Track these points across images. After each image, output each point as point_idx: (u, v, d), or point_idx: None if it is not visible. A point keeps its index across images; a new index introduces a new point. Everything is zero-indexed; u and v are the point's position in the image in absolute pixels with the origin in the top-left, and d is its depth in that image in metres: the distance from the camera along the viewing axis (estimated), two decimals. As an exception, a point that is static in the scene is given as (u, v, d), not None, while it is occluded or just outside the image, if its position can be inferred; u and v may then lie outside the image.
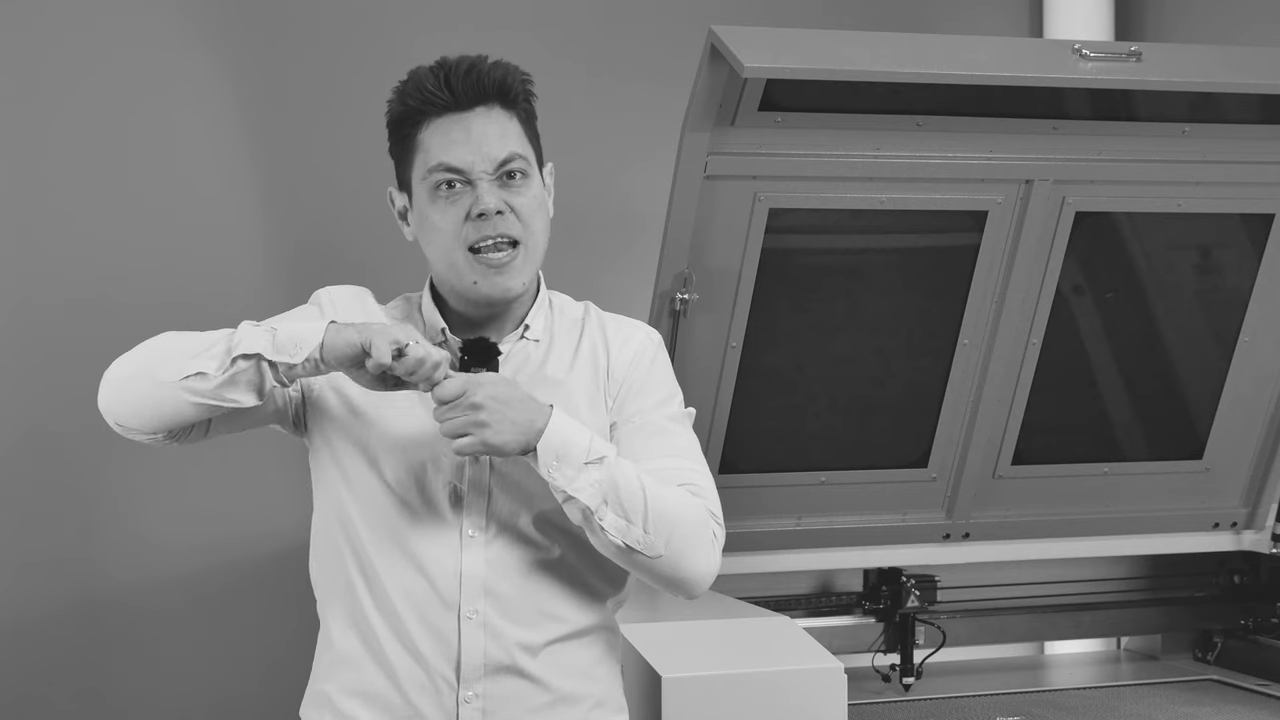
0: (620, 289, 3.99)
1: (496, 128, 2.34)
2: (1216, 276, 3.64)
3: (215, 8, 4.03)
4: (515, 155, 2.35)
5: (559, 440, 2.26)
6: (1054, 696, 3.55)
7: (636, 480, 2.28)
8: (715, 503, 2.39)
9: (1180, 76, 3.20)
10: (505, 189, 2.34)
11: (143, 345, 2.31)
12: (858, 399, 3.48)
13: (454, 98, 2.33)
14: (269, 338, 2.24)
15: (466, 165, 2.32)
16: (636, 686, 2.80)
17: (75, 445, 3.89)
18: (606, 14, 4.33)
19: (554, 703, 2.37)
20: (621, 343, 2.45)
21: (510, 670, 2.34)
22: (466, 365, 2.33)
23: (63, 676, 3.91)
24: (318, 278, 4.04)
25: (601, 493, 2.26)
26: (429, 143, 2.34)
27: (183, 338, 2.29)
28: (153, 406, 2.26)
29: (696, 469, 2.40)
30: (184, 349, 2.26)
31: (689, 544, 2.30)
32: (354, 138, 4.02)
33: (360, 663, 2.36)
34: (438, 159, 2.33)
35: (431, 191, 2.34)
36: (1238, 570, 3.86)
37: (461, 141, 2.33)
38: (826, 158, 3.19)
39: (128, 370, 2.29)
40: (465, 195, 2.33)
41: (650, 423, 2.40)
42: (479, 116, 2.34)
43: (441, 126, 2.34)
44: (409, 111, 2.35)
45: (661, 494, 2.30)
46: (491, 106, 2.35)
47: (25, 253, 3.90)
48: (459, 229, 2.33)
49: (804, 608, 3.56)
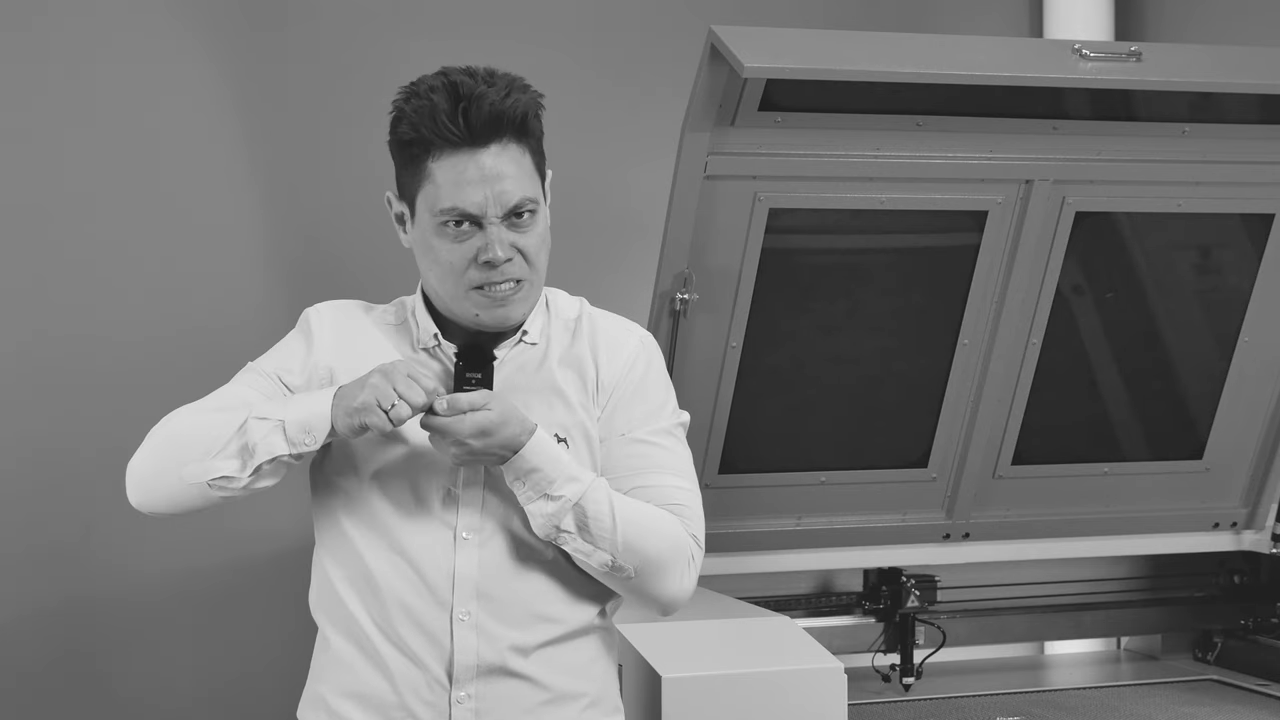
0: (620, 289, 3.98)
1: (512, 167, 2.30)
2: (1216, 276, 3.64)
3: (213, 10, 4.03)
4: (526, 199, 2.31)
5: (526, 466, 2.29)
6: (1054, 696, 3.55)
7: (608, 506, 2.31)
8: (698, 523, 2.41)
9: (1180, 76, 3.20)
10: (514, 229, 2.32)
11: (156, 437, 2.34)
12: (858, 399, 3.48)
13: (470, 134, 2.27)
14: (280, 434, 2.27)
15: (479, 210, 2.29)
16: (636, 686, 2.80)
17: (75, 445, 3.89)
18: (606, 14, 4.33)
19: (548, 702, 2.37)
20: (612, 352, 2.44)
21: (503, 671, 2.34)
22: (462, 371, 2.33)
23: (62, 676, 3.91)
24: (317, 279, 4.08)
25: (553, 524, 2.30)
26: (440, 178, 2.30)
27: (194, 428, 2.31)
28: (186, 501, 2.32)
29: (683, 486, 2.42)
30: (201, 444, 2.28)
31: (662, 569, 2.35)
32: (354, 140, 4.01)
33: (354, 663, 2.36)
34: (450, 202, 2.29)
35: (439, 226, 2.32)
36: (1238, 570, 3.86)
37: (476, 183, 2.28)
38: (826, 158, 3.19)
39: (150, 467, 2.33)
40: (474, 236, 2.31)
41: (639, 438, 2.41)
42: (493, 155, 2.28)
43: (454, 163, 2.28)
44: (419, 139, 2.30)
45: (636, 519, 2.33)
46: (507, 144, 2.30)
47: (25, 252, 3.90)
48: (465, 268, 2.32)
49: (804, 608, 3.56)
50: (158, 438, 2.34)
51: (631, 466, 2.39)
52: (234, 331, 3.94)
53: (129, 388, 3.90)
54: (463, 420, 2.26)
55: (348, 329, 2.42)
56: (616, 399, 2.41)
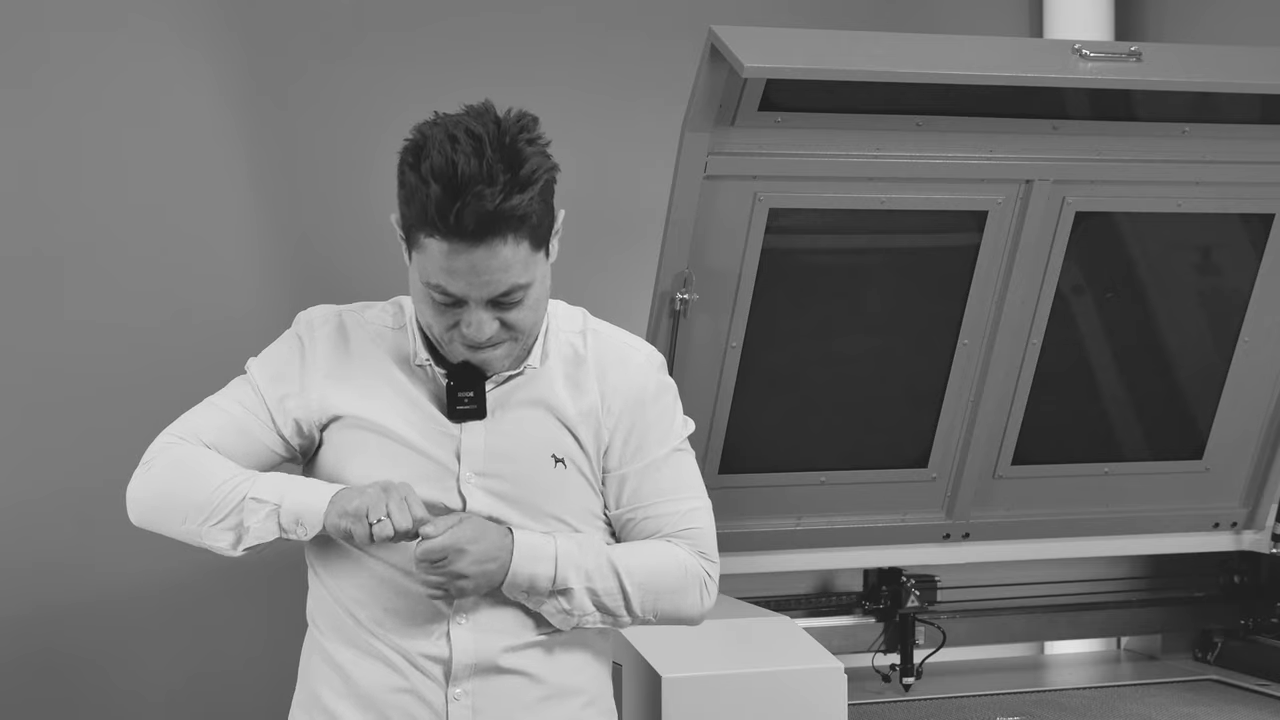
0: (620, 289, 3.99)
1: (503, 259, 2.22)
2: (1216, 276, 3.64)
3: (213, 11, 4.03)
4: (516, 287, 2.25)
5: (524, 577, 2.31)
6: (1054, 696, 3.55)
7: (614, 580, 2.36)
8: (710, 541, 2.46)
9: (1180, 76, 3.20)
10: (500, 308, 2.27)
11: (155, 469, 2.37)
12: (858, 399, 3.48)
13: (461, 233, 2.19)
14: (274, 520, 2.30)
15: (462, 293, 2.24)
16: (636, 686, 2.80)
17: (76, 445, 3.89)
18: (606, 14, 4.32)
19: (546, 698, 2.38)
20: (619, 377, 2.41)
21: (499, 668, 2.35)
22: (454, 391, 2.33)
23: (61, 676, 3.90)
24: (316, 279, 4.07)
25: (572, 618, 2.35)
26: (427, 254, 2.23)
27: (194, 478, 2.33)
28: (184, 540, 2.38)
29: (696, 507, 2.45)
30: (198, 507, 2.32)
31: (677, 604, 2.42)
32: (353, 140, 4.02)
33: (350, 665, 2.37)
34: (435, 280, 2.24)
35: (424, 287, 2.27)
36: (1238, 570, 3.86)
37: (463, 274, 2.21)
38: (826, 158, 3.19)
39: (150, 504, 2.37)
40: (458, 310, 2.27)
41: (652, 463, 2.42)
42: (483, 253, 2.20)
43: (445, 249, 2.21)
44: (414, 218, 2.23)
45: (644, 570, 2.37)
46: (504, 239, 2.21)
47: (25, 252, 3.90)
48: (447, 330, 2.30)
49: (804, 608, 3.56)
50: (157, 470, 2.36)
51: (645, 497, 2.42)
52: (232, 332, 3.94)
53: (130, 387, 3.90)
54: (456, 530, 2.26)
55: (341, 351, 2.40)
56: (624, 431, 2.41)
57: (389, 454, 2.34)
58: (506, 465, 2.35)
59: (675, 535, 2.42)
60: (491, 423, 2.36)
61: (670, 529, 2.42)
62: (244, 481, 2.32)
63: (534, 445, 2.37)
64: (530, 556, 2.31)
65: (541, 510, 2.36)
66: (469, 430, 2.35)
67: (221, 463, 2.34)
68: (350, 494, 2.28)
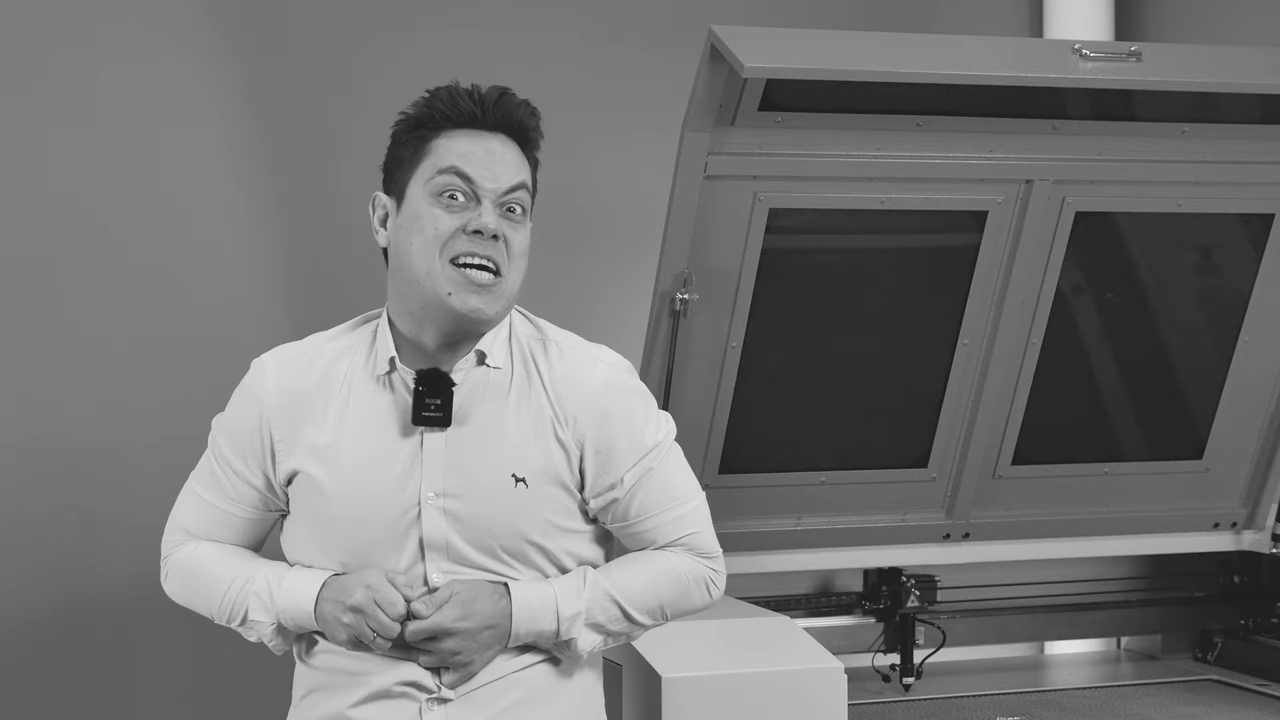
0: (620, 289, 3.99)
1: (514, 155, 2.39)
2: (1216, 276, 3.64)
3: (213, 12, 4.03)
4: (523, 185, 2.38)
5: (528, 625, 2.36)
6: (1054, 696, 3.55)
7: (615, 608, 2.40)
8: (707, 540, 2.49)
9: (1180, 76, 3.20)
10: (505, 219, 2.36)
11: (177, 577, 2.53)
12: (858, 399, 3.48)
13: (482, 116, 2.37)
14: (275, 623, 2.41)
15: (478, 178, 2.34)
16: (636, 686, 2.80)
17: (75, 444, 3.89)
18: (606, 14, 4.33)
19: (528, 698, 2.39)
20: (581, 389, 2.42)
21: (484, 673, 2.37)
22: (421, 397, 2.33)
23: (60, 676, 3.91)
24: (315, 280, 4.07)
25: (581, 655, 2.41)
26: (444, 148, 2.36)
27: (200, 590, 2.48)
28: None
29: (687, 512, 2.48)
30: (211, 609, 2.48)
31: (681, 607, 2.49)
32: (353, 141, 4.02)
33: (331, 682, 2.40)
34: (452, 162, 2.34)
35: (433, 195, 2.34)
36: (1238, 570, 3.86)
37: (480, 156, 2.36)
38: (826, 158, 3.19)
39: (181, 600, 2.55)
40: (466, 210, 2.33)
41: (637, 475, 2.43)
42: (499, 140, 2.38)
43: (463, 137, 2.37)
44: (433, 115, 2.37)
45: (643, 589, 2.42)
46: (512, 141, 2.40)
47: (24, 253, 3.90)
48: (449, 238, 2.32)
49: (804, 608, 3.56)
50: (174, 576, 2.54)
51: (635, 514, 2.44)
52: (232, 332, 3.93)
53: (129, 388, 3.91)
54: (442, 612, 2.30)
55: (297, 404, 2.41)
56: (597, 434, 2.41)
57: (343, 525, 2.37)
58: (466, 482, 2.35)
59: (671, 545, 2.46)
60: (453, 434, 2.36)
61: (665, 539, 2.46)
62: (244, 587, 2.42)
63: (493, 463, 2.36)
64: (530, 617, 2.35)
65: (501, 535, 2.36)
66: (430, 440, 2.35)
67: (220, 564, 2.46)
68: (333, 625, 2.34)
